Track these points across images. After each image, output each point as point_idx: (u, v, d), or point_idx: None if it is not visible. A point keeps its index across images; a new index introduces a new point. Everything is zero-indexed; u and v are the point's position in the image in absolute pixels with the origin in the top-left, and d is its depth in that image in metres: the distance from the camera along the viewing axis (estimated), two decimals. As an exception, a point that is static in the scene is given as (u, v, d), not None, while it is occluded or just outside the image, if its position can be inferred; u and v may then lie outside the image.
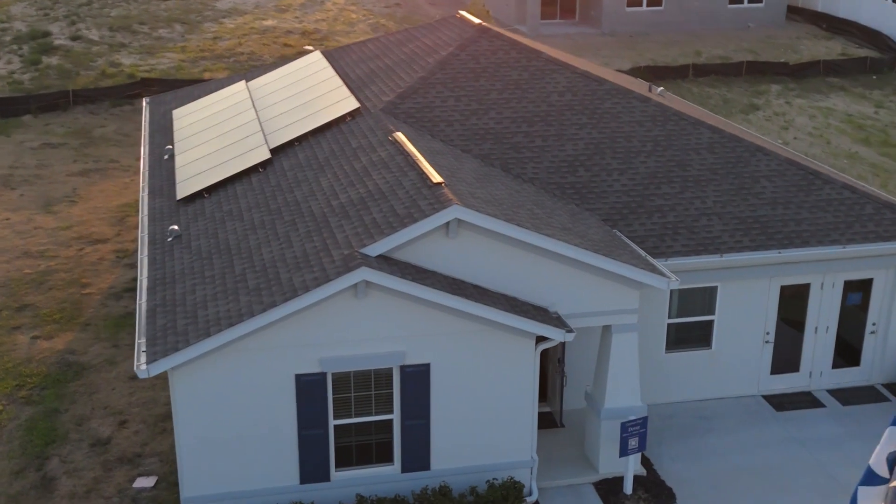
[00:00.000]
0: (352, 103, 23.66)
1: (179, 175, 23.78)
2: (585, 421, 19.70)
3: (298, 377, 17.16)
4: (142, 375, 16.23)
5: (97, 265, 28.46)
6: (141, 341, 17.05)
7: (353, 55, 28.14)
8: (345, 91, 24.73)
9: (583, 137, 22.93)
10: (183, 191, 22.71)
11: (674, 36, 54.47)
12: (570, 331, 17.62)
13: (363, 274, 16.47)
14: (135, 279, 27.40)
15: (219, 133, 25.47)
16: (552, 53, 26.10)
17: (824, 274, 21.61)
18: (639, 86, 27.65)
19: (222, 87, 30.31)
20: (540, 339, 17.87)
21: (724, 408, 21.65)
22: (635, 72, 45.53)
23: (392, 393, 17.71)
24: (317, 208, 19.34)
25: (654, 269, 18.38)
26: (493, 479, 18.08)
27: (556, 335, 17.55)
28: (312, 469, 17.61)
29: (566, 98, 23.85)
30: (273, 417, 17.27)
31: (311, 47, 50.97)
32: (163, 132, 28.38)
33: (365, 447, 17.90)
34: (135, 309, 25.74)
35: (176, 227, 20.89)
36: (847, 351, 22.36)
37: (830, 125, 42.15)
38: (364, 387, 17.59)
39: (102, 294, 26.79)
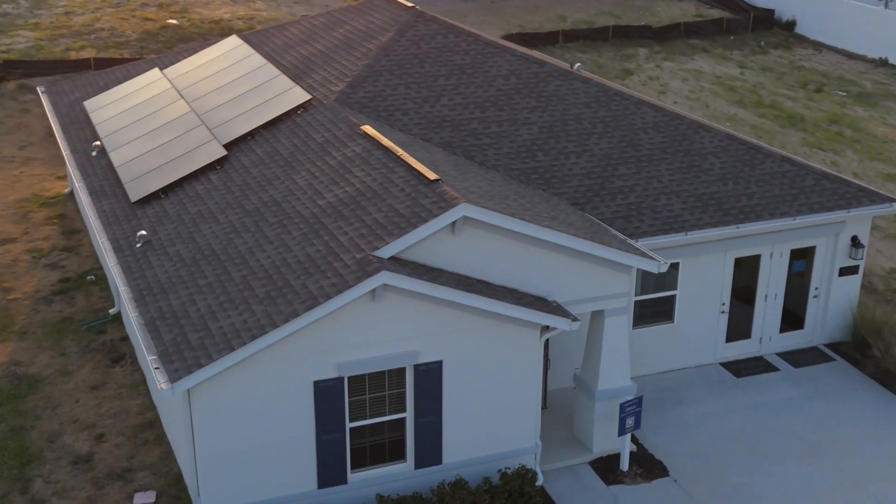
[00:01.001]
0: (300, 94, 23.33)
1: (123, 174, 23.03)
2: (575, 403, 20.23)
3: (317, 384, 17.07)
4: (167, 395, 15.86)
5: (13, 267, 27.25)
6: (152, 358, 16.61)
7: (277, 40, 27.64)
8: (286, 80, 24.35)
9: (535, 121, 23.29)
10: (136, 192, 22.03)
11: (535, 0, 55.26)
12: (575, 319, 18.06)
13: (384, 278, 16.47)
14: (61, 280, 26.39)
15: (153, 127, 24.72)
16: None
17: (773, 245, 22.70)
18: (557, 62, 28.10)
19: (131, 75, 29.31)
20: (544, 328, 18.25)
21: (688, 378, 22.57)
22: (508, 39, 46.07)
23: (405, 392, 17.81)
24: (303, 209, 19.12)
25: (644, 254, 18.97)
26: (506, 468, 18.45)
27: (562, 324, 17.98)
28: (330, 473, 17.60)
29: (511, 81, 24.14)
30: (291, 425, 17.15)
31: (174, 21, 49.58)
32: (78, 125, 27.31)
33: (378, 447, 17.97)
34: (73, 314, 24.86)
35: (144, 232, 20.30)
36: (791, 315, 23.59)
37: (704, 88, 43.80)
38: (378, 387, 17.63)
39: (30, 299, 25.71)
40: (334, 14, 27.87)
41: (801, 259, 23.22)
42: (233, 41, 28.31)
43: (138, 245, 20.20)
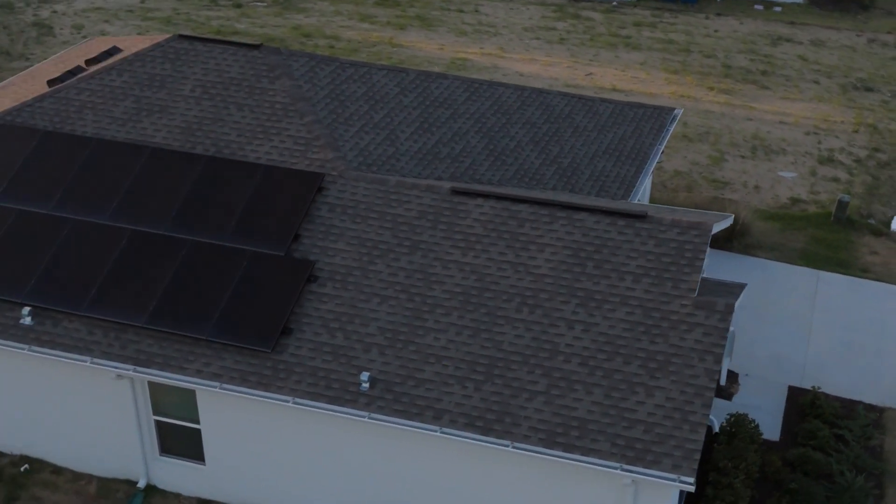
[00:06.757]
0: (303, 174, 21.60)
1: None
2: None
3: (688, 423, 19.06)
4: (689, 489, 17.04)
5: None
6: (629, 469, 17.25)
7: (83, 116, 23.34)
8: (237, 163, 21.99)
9: (470, 130, 24.76)
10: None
11: None
12: (742, 285, 22.03)
13: (732, 310, 18.98)
14: (-3, 487, 21.12)
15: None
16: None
17: (634, 171, 27.74)
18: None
19: None
20: (717, 301, 21.90)
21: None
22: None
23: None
24: (524, 283, 19.54)
25: (723, 216, 23.16)
26: (725, 423, 22.17)
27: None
28: (682, 492, 19.85)
29: (398, 93, 24.91)
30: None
31: None
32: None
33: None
34: (107, 508, 20.69)
35: (368, 376, 18.82)
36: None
37: (140, 26, 43.28)
38: (688, 404, 20.03)
39: (-1, 524, 20.43)
40: (131, 69, 24.15)
41: (636, 175, 28.59)
42: (24, 133, 23.14)
43: (364, 388, 18.66)
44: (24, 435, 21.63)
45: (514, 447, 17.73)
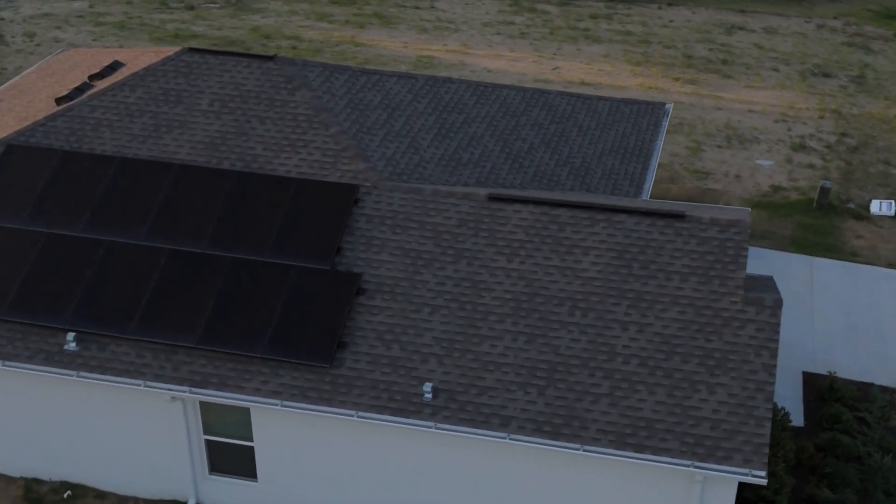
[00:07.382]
0: (335, 186, 21.62)
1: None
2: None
3: (741, 416, 19.61)
4: (759, 482, 17.57)
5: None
6: (701, 466, 17.74)
7: (101, 133, 23.02)
8: (269, 178, 21.92)
9: (484, 134, 24.97)
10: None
11: None
12: (768, 277, 22.67)
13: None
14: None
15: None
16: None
17: (633, 167, 28.25)
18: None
19: None
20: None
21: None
22: None
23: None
24: (574, 287, 19.91)
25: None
26: (759, 410, 22.77)
27: (768, 285, 22.52)
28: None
29: (412, 98, 25.03)
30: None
31: None
32: None
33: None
34: None
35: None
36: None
37: (101, 34, 42.58)
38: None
39: (51, 553, 20.17)
40: (144, 84, 23.81)
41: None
42: (43, 155, 22.70)
43: (427, 398, 18.82)
44: (63, 461, 21.32)
45: (584, 450, 18.06)
